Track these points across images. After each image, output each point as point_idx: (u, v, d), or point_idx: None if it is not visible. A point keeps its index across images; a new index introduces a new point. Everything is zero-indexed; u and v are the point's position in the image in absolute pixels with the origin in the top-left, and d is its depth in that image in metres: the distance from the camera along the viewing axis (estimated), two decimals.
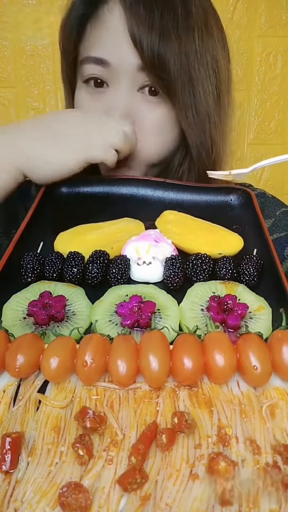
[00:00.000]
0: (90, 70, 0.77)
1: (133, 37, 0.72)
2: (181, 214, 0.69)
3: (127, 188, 0.76)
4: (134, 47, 0.72)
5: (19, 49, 1.31)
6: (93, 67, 0.77)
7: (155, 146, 0.80)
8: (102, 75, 0.77)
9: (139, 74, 0.75)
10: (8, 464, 0.35)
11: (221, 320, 0.48)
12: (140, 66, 0.74)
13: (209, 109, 0.79)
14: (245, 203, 0.72)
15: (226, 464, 0.34)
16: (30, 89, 1.34)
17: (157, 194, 0.75)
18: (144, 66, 0.73)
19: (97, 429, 0.37)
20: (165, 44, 0.71)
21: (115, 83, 0.77)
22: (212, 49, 0.78)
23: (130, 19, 0.72)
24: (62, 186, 0.75)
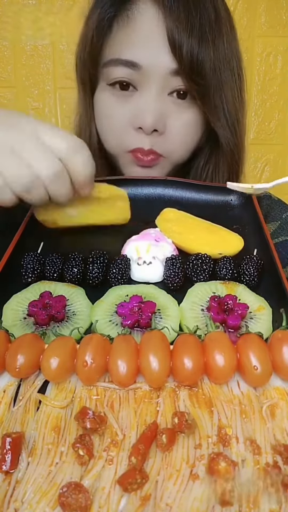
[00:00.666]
0: (118, 72, 0.75)
1: (171, 41, 0.70)
2: (181, 213, 0.69)
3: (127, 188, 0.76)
4: (171, 51, 0.71)
5: (19, 49, 1.31)
6: (121, 70, 0.74)
7: (184, 148, 0.80)
8: (131, 78, 0.75)
9: (171, 78, 0.73)
10: (8, 464, 0.35)
11: (222, 320, 0.48)
12: (174, 70, 0.72)
13: (236, 110, 0.80)
14: (245, 203, 0.72)
15: (226, 464, 0.34)
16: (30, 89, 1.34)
17: (158, 192, 0.75)
18: (181, 70, 0.72)
19: (97, 430, 0.37)
20: (203, 49, 0.71)
21: (145, 86, 0.75)
22: (236, 52, 0.79)
23: (169, 22, 0.70)
24: None
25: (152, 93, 0.74)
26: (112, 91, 0.77)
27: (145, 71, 0.73)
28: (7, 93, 1.36)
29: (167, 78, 0.73)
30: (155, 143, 0.77)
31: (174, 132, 0.77)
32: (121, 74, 0.74)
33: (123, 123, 0.77)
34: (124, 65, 0.73)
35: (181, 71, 0.72)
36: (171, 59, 0.71)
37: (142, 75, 0.74)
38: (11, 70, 1.34)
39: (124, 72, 0.74)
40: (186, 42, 0.69)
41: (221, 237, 0.64)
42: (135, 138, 0.77)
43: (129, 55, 0.73)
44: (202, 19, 0.71)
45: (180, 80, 0.73)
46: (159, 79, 0.73)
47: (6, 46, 1.32)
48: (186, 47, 0.69)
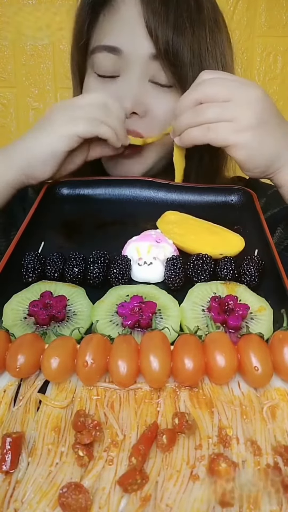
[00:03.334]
0: (102, 58, 0.78)
1: (148, 27, 0.74)
2: (182, 215, 0.69)
3: (128, 189, 0.76)
4: (148, 36, 0.74)
5: (19, 49, 1.31)
6: (105, 55, 0.78)
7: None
8: (114, 63, 0.78)
9: (151, 63, 0.76)
10: (8, 464, 0.35)
11: (222, 321, 0.48)
12: (153, 55, 0.75)
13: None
14: (246, 204, 0.72)
15: (226, 465, 0.34)
16: (30, 89, 1.34)
17: (160, 195, 0.75)
18: (158, 54, 0.75)
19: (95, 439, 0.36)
20: (179, 35, 0.74)
21: (126, 72, 0.78)
22: (220, 45, 0.81)
23: (146, 9, 0.74)
24: (63, 187, 0.75)
25: (133, 78, 0.78)
26: (97, 78, 0.81)
27: (126, 56, 0.77)
28: (7, 93, 1.36)
29: (147, 63, 0.76)
30: (136, 125, 0.79)
31: (154, 115, 0.80)
32: (105, 59, 0.78)
33: None
34: (107, 51, 0.77)
35: (159, 56, 0.75)
36: (150, 45, 0.75)
37: (124, 61, 0.77)
38: (11, 70, 1.33)
39: (108, 57, 0.78)
40: (161, 28, 0.73)
41: (222, 237, 0.64)
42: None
43: (111, 41, 0.77)
44: (180, 6, 0.75)
45: (159, 65, 0.76)
46: (140, 64, 0.77)
47: (6, 46, 1.31)
48: (161, 32, 0.73)
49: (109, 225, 0.70)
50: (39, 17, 1.29)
